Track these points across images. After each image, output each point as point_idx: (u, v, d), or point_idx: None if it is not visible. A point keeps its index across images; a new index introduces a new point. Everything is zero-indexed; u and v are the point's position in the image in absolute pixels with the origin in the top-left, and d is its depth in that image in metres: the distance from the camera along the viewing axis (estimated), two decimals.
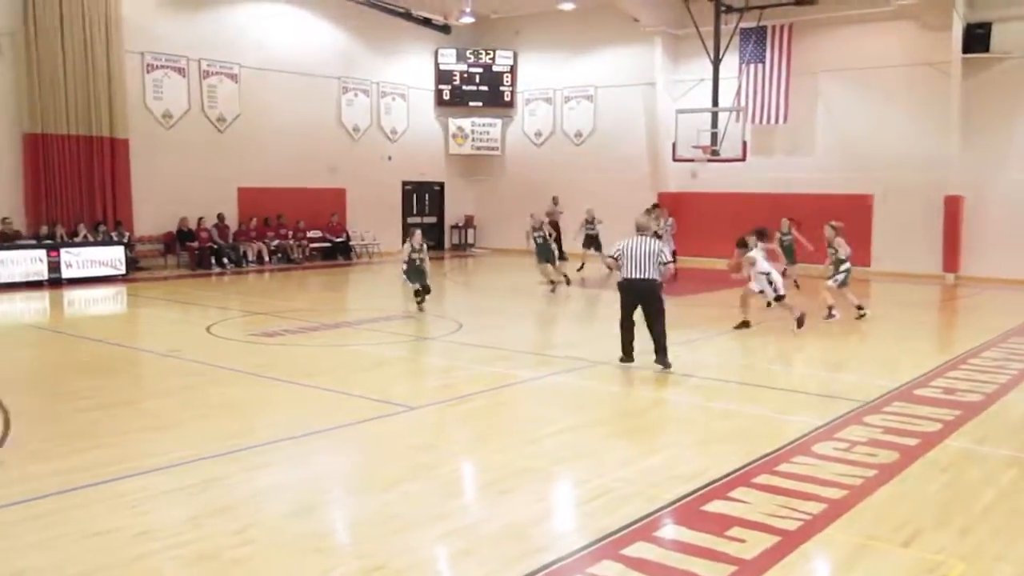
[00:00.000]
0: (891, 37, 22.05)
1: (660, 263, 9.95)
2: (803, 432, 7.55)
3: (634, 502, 5.85)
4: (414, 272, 14.58)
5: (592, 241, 21.60)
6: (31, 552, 5.08)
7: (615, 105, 26.92)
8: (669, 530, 5.45)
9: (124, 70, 21.05)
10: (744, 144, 22.26)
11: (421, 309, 14.60)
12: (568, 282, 17.86)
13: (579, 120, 27.89)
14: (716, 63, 22.84)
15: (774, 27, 23.22)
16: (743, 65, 23.71)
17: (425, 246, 14.83)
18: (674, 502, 5.87)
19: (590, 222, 21.72)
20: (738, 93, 23.62)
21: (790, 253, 17.20)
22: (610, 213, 23.07)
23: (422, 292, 14.65)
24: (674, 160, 23.54)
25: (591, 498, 6.04)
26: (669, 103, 24.83)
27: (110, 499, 5.93)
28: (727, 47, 22.92)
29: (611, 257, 10.20)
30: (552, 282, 17.40)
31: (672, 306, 13.80)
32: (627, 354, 10.22)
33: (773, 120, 23.50)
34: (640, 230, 10.21)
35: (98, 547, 5.14)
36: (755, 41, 23.46)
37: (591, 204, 22.54)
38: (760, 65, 23.54)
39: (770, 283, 12.72)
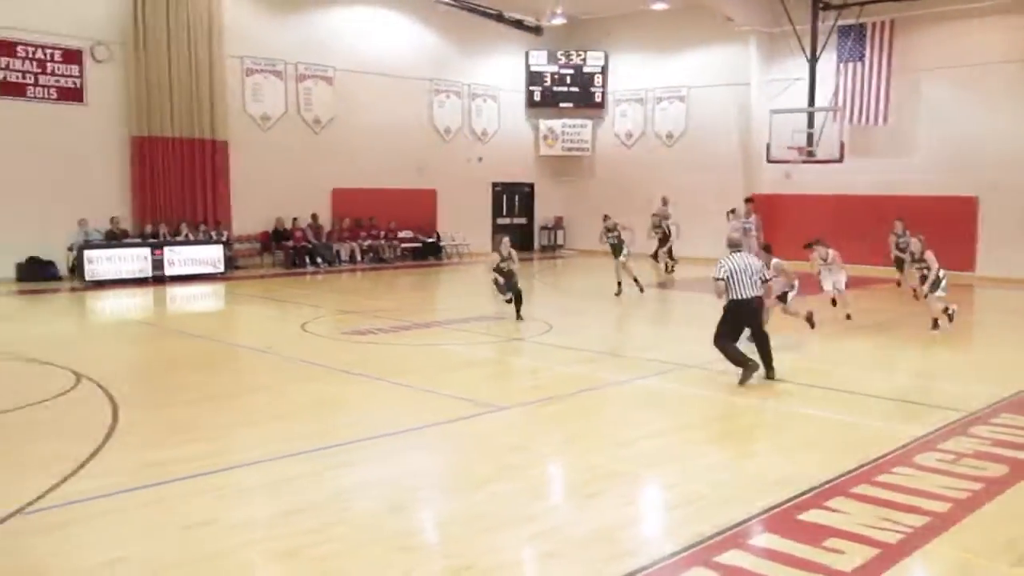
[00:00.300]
0: (999, 32, 21.12)
1: (763, 280, 9.78)
2: (903, 442, 7.27)
3: (727, 508, 5.72)
4: (503, 278, 14.12)
5: (663, 243, 21.39)
6: (131, 540, 5.25)
7: (707, 105, 26.53)
8: (763, 538, 5.31)
9: (225, 74, 21.73)
10: (841, 145, 21.72)
11: (520, 318, 13.91)
12: (633, 287, 17.34)
13: (670, 121, 27.58)
14: (813, 62, 22.33)
15: (874, 24, 22.54)
16: (841, 64, 23.07)
17: (513, 252, 14.27)
18: (768, 509, 5.71)
19: (657, 226, 21.39)
20: (836, 92, 23.01)
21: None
22: (701, 215, 22.80)
23: (515, 300, 13.97)
24: (768, 161, 23.10)
25: (682, 503, 5.95)
26: (763, 103, 24.34)
27: (206, 491, 6.09)
28: (824, 45, 22.36)
29: (719, 280, 9.61)
30: (638, 281, 17.17)
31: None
32: (748, 363, 9.46)
33: (872, 120, 22.80)
34: (734, 246, 9.99)
35: (194, 538, 5.29)
36: (854, 39, 22.80)
37: (680, 205, 22.25)
38: (859, 63, 22.86)
39: (792, 287, 12.18)
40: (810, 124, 21.99)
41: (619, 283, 17.15)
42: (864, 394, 9.17)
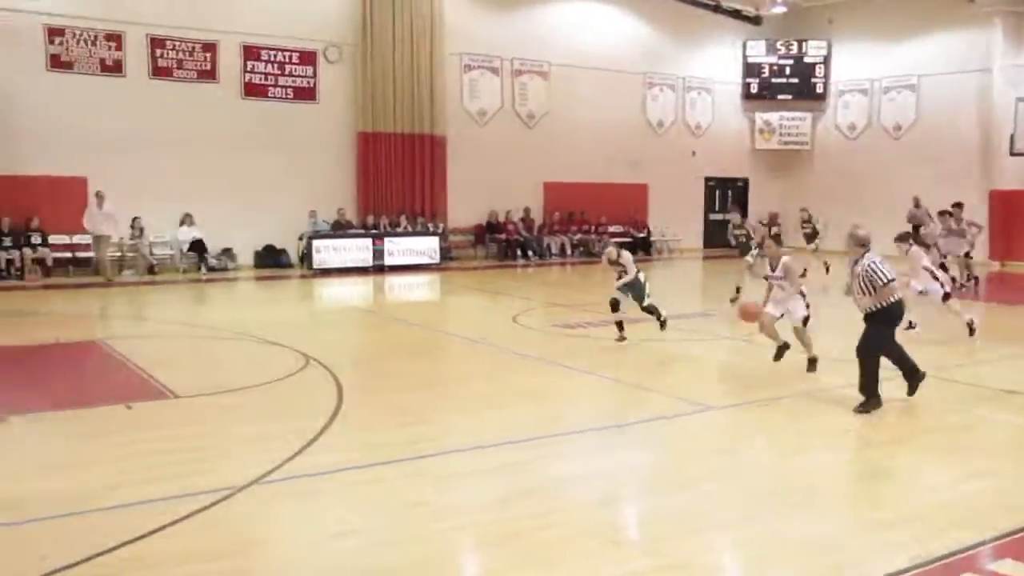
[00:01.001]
0: None
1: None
2: None
3: (958, 529, 5.31)
4: (625, 287, 11.45)
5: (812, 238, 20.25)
6: (354, 517, 5.54)
7: (941, 95, 24.77)
8: (1002, 564, 4.88)
9: (445, 71, 22.54)
10: None
11: (622, 337, 11.55)
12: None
13: (898, 112, 26.01)
14: None
15: None
16: None
17: (625, 255, 11.57)
18: (1007, 534, 5.25)
19: (807, 221, 20.24)
20: None
21: None
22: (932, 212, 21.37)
23: (650, 312, 11.61)
24: (1012, 154, 21.29)
25: (905, 519, 5.57)
26: (1007, 91, 22.44)
27: (425, 473, 6.34)
28: None
29: (893, 281, 8.11)
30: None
31: (997, 316, 12.53)
32: (877, 399, 8.23)
33: None
34: (864, 245, 8.44)
35: (412, 517, 5.52)
36: None
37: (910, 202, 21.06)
38: None
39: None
40: None
41: (737, 287, 15.21)
42: None
